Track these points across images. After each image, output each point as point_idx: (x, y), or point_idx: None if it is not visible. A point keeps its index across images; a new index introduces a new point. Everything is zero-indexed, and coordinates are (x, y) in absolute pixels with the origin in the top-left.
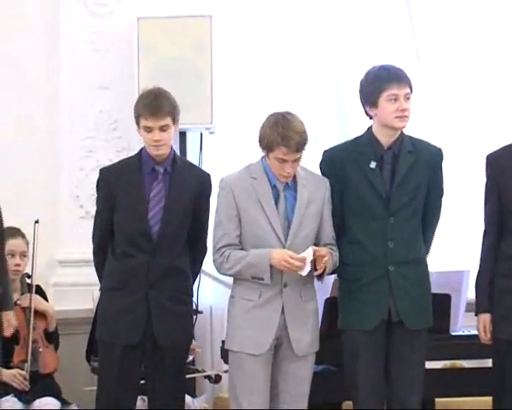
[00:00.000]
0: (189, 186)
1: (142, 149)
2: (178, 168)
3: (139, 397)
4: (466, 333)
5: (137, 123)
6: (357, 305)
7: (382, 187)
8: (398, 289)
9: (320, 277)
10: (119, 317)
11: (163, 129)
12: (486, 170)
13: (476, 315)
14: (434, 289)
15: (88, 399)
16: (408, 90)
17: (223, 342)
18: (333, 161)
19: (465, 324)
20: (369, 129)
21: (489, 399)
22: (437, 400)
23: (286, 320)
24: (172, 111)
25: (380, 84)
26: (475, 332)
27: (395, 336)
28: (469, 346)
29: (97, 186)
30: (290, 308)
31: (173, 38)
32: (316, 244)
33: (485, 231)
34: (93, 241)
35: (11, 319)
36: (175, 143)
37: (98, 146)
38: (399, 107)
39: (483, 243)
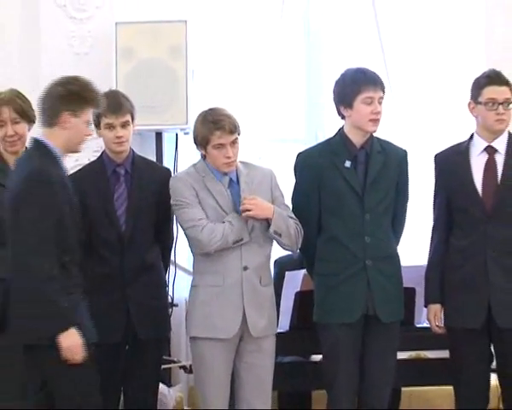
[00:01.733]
0: (150, 184)
1: (102, 154)
2: (139, 168)
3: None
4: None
5: (97, 125)
6: (337, 299)
7: (358, 185)
8: (375, 283)
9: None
10: (99, 319)
11: (124, 125)
12: (435, 169)
13: (426, 306)
14: None
15: None
16: (382, 94)
17: None
18: (308, 163)
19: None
20: (341, 130)
21: (451, 388)
22: (403, 389)
23: (244, 303)
24: (131, 109)
25: (357, 86)
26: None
27: (370, 329)
28: (433, 337)
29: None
30: (249, 292)
31: (150, 42)
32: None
33: (434, 226)
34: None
35: None
36: (151, 142)
37: None
38: (374, 110)
39: (432, 237)
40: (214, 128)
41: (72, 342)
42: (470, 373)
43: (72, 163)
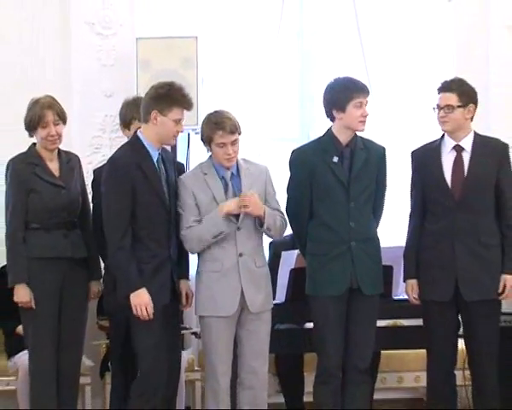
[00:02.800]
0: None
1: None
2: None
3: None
4: (405, 297)
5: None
6: (326, 275)
7: (344, 177)
8: (358, 262)
9: (261, 225)
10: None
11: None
12: (412, 164)
13: (404, 281)
14: None
15: (95, 350)
16: (367, 99)
17: None
18: (301, 159)
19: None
20: (329, 130)
21: (423, 351)
22: (382, 352)
23: (241, 283)
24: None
25: (350, 92)
26: None
27: (354, 302)
28: (407, 308)
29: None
30: (246, 274)
31: (165, 55)
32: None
33: (410, 213)
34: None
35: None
36: None
37: (104, 144)
38: (363, 113)
39: (409, 223)
40: (217, 128)
41: (140, 301)
42: (440, 339)
43: (100, 158)
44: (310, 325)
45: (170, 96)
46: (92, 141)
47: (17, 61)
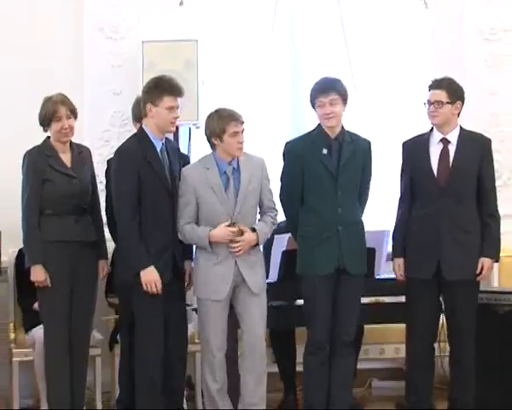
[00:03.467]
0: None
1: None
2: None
3: None
4: (386, 277)
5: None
6: (315, 256)
7: (332, 168)
8: (345, 244)
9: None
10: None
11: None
12: (402, 154)
13: (392, 259)
14: None
15: (105, 325)
16: (334, 96)
17: None
18: (293, 151)
19: (386, 270)
20: (319, 124)
21: (403, 325)
22: (365, 326)
23: (240, 270)
24: None
25: (314, 93)
26: (393, 276)
27: (341, 281)
28: (389, 286)
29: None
30: (242, 261)
31: (169, 57)
32: (260, 207)
33: (400, 198)
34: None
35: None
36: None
37: (113, 137)
38: (325, 111)
39: (399, 207)
40: (230, 119)
41: (150, 278)
42: (422, 314)
43: (109, 150)
44: (300, 301)
45: (158, 87)
46: (102, 135)
47: (35, 62)
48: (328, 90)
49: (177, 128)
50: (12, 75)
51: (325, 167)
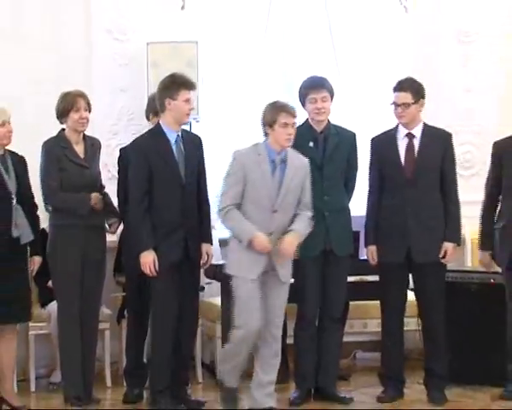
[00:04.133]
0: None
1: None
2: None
3: None
4: None
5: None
6: (304, 240)
7: (319, 159)
8: (331, 228)
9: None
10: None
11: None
12: (371, 149)
13: (365, 247)
14: None
15: (113, 302)
16: (325, 94)
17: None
18: None
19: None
20: (307, 119)
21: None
22: (350, 302)
23: (271, 259)
24: None
25: (305, 90)
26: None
27: (329, 262)
28: (371, 266)
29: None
30: (274, 250)
31: (171, 57)
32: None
33: (369, 191)
34: None
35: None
36: None
37: (120, 131)
38: (317, 106)
39: (368, 199)
40: (282, 110)
41: (145, 261)
42: (394, 293)
43: (116, 142)
44: (292, 280)
45: (175, 82)
46: (111, 128)
47: (49, 62)
48: (320, 87)
49: None
50: (28, 75)
51: (311, 159)
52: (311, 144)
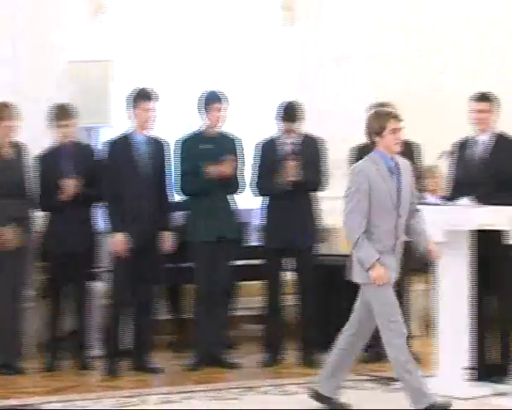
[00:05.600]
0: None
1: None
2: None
3: None
4: (255, 244)
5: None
6: (200, 227)
7: (210, 158)
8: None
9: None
10: None
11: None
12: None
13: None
14: None
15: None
16: (225, 105)
17: None
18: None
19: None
20: (203, 125)
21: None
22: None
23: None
24: None
25: (208, 102)
26: (258, 244)
27: (222, 246)
28: (256, 252)
29: None
30: (398, 255)
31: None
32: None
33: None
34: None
35: None
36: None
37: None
38: (218, 115)
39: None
40: (390, 116)
41: (114, 242)
42: (275, 274)
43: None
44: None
45: (136, 95)
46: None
47: None
48: (222, 99)
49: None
50: None
51: (206, 158)
52: (204, 147)
